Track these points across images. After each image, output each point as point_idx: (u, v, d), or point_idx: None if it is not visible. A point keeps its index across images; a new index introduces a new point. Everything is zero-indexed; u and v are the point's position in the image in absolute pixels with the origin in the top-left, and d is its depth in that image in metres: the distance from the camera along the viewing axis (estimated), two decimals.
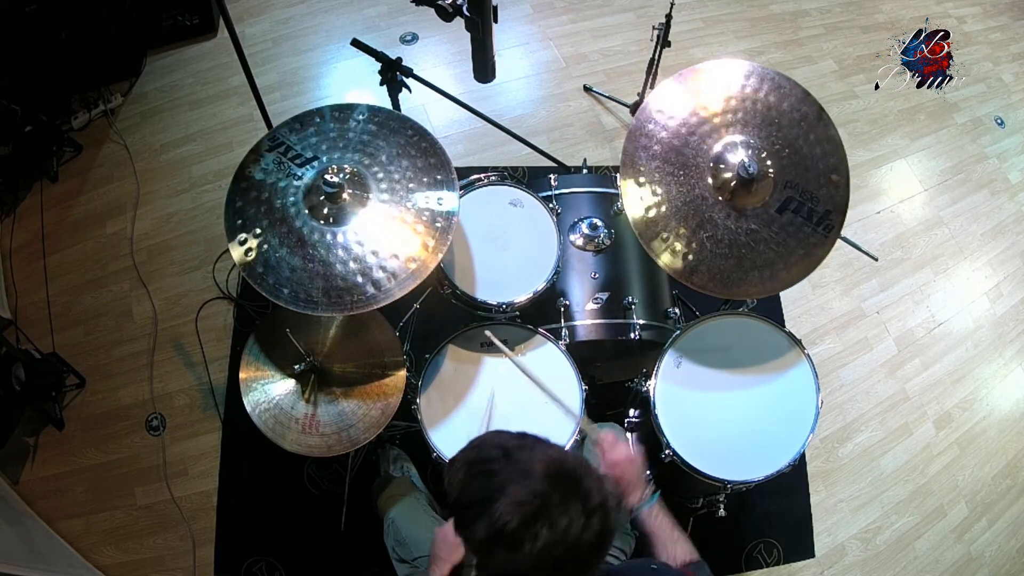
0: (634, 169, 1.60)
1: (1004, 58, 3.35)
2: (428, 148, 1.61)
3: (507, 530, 0.84)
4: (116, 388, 2.32)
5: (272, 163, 1.58)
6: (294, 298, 1.45)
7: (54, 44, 2.50)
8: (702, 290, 1.56)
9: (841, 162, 1.63)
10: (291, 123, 1.64)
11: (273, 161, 1.58)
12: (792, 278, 1.57)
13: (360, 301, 1.45)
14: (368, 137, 1.61)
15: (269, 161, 1.59)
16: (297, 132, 1.62)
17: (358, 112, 1.64)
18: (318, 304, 1.45)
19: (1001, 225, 2.91)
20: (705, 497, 1.95)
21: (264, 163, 1.58)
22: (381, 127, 1.63)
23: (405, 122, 1.65)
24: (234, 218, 1.53)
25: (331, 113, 1.65)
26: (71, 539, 2.09)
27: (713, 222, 1.57)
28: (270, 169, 1.58)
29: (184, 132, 2.77)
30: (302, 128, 1.63)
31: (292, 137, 1.61)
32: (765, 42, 3.19)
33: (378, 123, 1.63)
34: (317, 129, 1.62)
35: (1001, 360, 2.63)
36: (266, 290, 1.46)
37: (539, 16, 3.15)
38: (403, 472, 2.05)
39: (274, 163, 1.58)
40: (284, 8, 3.10)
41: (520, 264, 1.81)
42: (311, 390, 1.62)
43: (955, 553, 2.30)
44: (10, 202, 2.58)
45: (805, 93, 1.67)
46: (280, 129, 1.63)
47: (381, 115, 1.64)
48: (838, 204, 1.60)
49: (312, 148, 1.60)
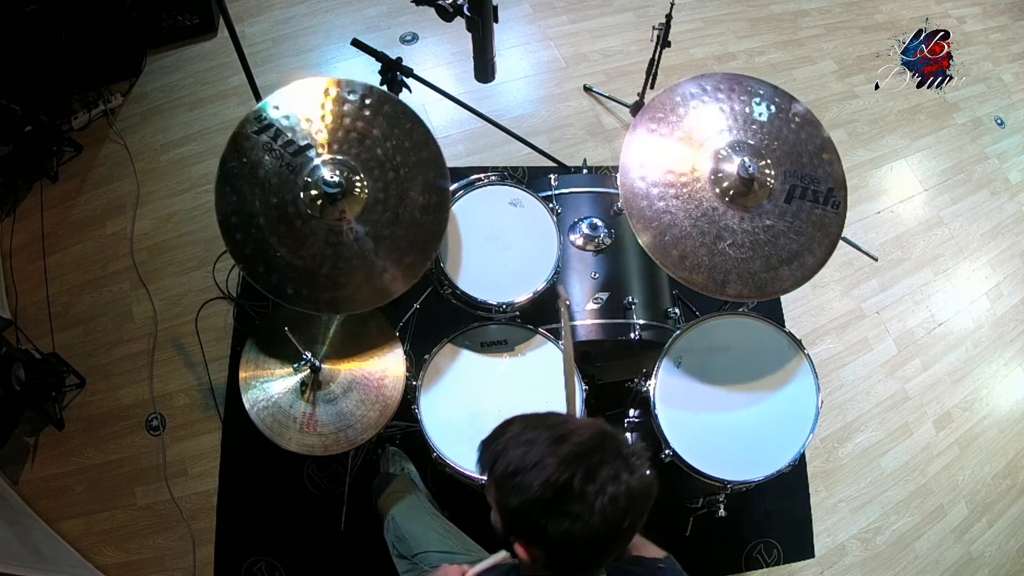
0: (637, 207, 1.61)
1: (1004, 58, 3.35)
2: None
3: (566, 482, 0.83)
4: (116, 388, 2.32)
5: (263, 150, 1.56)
6: (298, 297, 1.45)
7: (54, 44, 2.50)
8: (739, 299, 1.57)
9: (826, 140, 1.69)
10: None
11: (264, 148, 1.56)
12: (819, 262, 1.60)
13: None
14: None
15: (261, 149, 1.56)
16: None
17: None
18: (322, 303, 1.45)
19: (1001, 225, 2.91)
20: (705, 497, 1.94)
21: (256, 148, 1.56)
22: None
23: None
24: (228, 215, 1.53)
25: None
26: (71, 539, 2.09)
27: (730, 229, 1.58)
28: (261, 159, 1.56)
29: (184, 132, 2.77)
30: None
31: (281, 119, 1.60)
32: (765, 42, 3.19)
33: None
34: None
35: (1001, 360, 2.63)
36: (268, 289, 1.46)
37: (539, 16, 3.15)
38: (403, 471, 2.05)
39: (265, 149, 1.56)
40: (284, 8, 3.10)
41: (520, 264, 1.81)
42: (310, 389, 1.63)
43: (955, 553, 2.30)
44: (10, 202, 2.58)
45: (772, 87, 1.71)
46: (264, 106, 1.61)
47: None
48: (837, 179, 1.66)
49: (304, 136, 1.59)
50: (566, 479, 0.84)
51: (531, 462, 0.86)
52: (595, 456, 0.86)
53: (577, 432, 0.88)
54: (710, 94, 1.69)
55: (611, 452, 0.87)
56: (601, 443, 0.87)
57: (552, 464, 0.84)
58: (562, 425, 0.89)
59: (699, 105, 1.68)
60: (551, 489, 0.84)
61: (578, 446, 0.86)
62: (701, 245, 1.57)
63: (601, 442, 0.87)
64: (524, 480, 0.85)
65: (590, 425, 0.90)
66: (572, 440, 0.87)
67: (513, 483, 0.86)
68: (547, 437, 0.87)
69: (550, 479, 0.84)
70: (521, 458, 0.87)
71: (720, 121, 1.67)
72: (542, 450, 0.86)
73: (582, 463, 0.85)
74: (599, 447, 0.87)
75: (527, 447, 0.87)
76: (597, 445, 0.87)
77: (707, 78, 1.71)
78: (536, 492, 0.84)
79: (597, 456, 0.86)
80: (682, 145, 1.65)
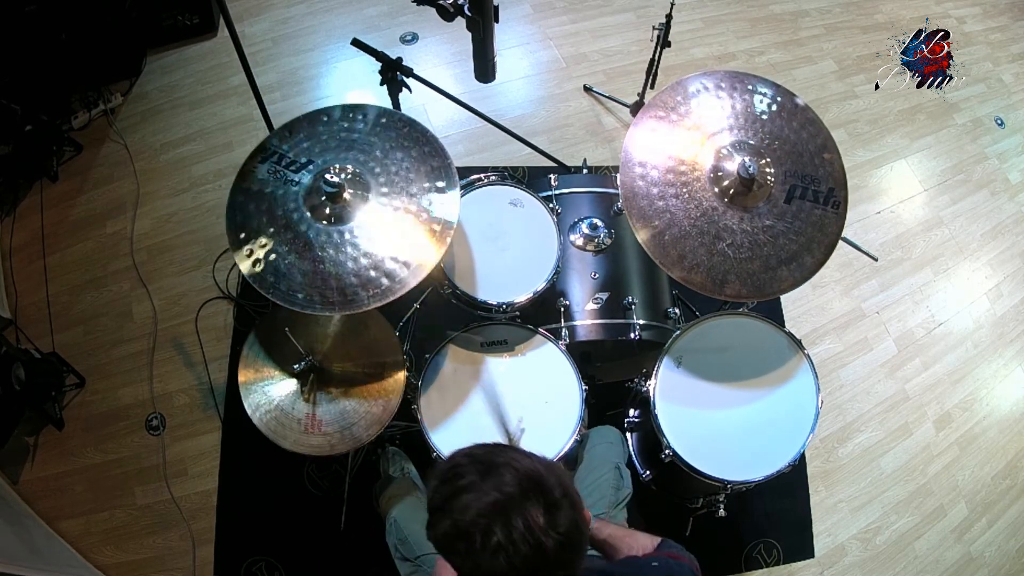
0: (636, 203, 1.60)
1: (1004, 58, 3.35)
2: (419, 137, 1.62)
3: (462, 525, 0.84)
4: (116, 388, 2.32)
5: (267, 173, 1.58)
6: (310, 302, 1.45)
7: (54, 44, 2.50)
8: (738, 299, 1.57)
9: (827, 139, 1.68)
10: (280, 131, 1.64)
11: (268, 171, 1.59)
12: (818, 262, 1.60)
13: (376, 295, 1.46)
14: (358, 135, 1.62)
15: (264, 172, 1.59)
16: (287, 140, 1.62)
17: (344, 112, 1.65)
18: (335, 304, 1.45)
19: (1001, 225, 2.91)
20: (705, 497, 1.95)
21: (259, 174, 1.59)
22: (373, 124, 1.64)
23: (393, 116, 1.65)
24: (237, 231, 1.53)
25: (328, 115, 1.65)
26: (71, 539, 2.09)
27: (730, 229, 1.58)
28: (267, 180, 1.58)
29: (184, 132, 2.77)
30: (291, 136, 1.63)
31: (283, 146, 1.61)
32: (765, 42, 3.19)
33: (366, 121, 1.64)
34: (307, 134, 1.63)
35: (1001, 360, 2.63)
36: (279, 297, 1.46)
37: (539, 16, 3.15)
38: (403, 472, 2.05)
39: (269, 173, 1.58)
40: (284, 8, 3.10)
41: (520, 264, 1.81)
42: (310, 389, 1.62)
43: (955, 553, 2.30)
44: (10, 202, 2.58)
45: (774, 84, 1.71)
46: (271, 140, 1.64)
47: (369, 113, 1.65)
48: (838, 179, 1.65)
49: (305, 153, 1.60)
50: (462, 519, 0.84)
51: (445, 498, 0.87)
52: (511, 494, 0.85)
53: (506, 483, 0.86)
54: (712, 91, 1.69)
55: (534, 502, 0.85)
56: (517, 485, 0.86)
57: (461, 503, 0.85)
58: (493, 473, 0.88)
59: (705, 98, 1.67)
60: (453, 529, 0.85)
61: (488, 489, 0.85)
62: (700, 245, 1.57)
63: (517, 485, 0.86)
64: (435, 519, 0.88)
65: (523, 472, 0.88)
66: (485, 483, 0.86)
67: (432, 518, 0.89)
68: (469, 480, 0.87)
69: (455, 520, 0.85)
70: (444, 495, 0.88)
71: (725, 111, 1.66)
72: (458, 488, 0.87)
73: (498, 516, 0.84)
74: (515, 487, 0.86)
75: (451, 483, 0.88)
76: (523, 492, 0.85)
77: (711, 75, 1.71)
78: (441, 531, 0.87)
79: (512, 494, 0.85)
80: (687, 133, 1.64)
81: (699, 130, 1.65)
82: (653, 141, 1.63)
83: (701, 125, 1.65)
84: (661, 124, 1.65)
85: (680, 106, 1.67)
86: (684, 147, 1.63)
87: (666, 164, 1.61)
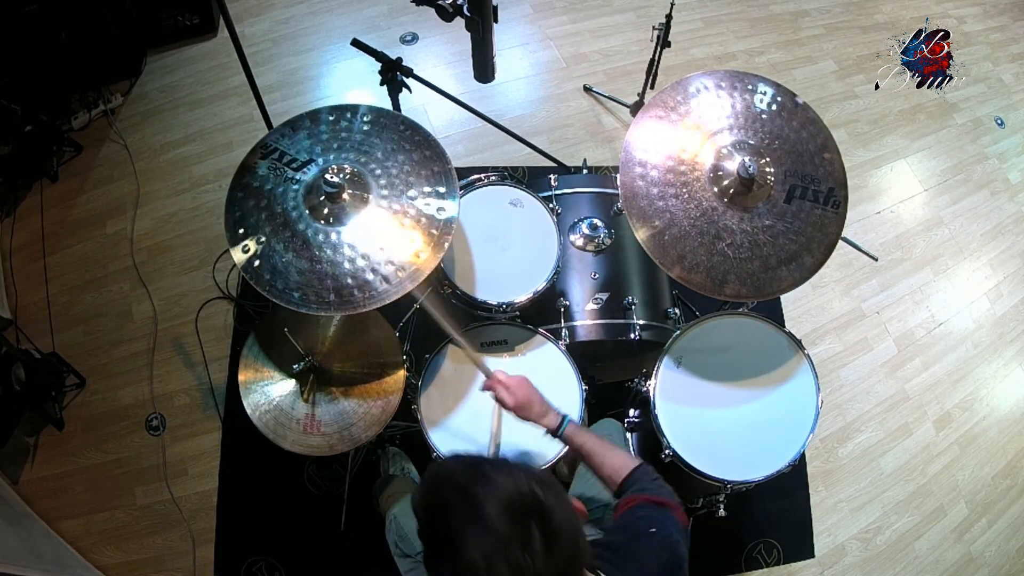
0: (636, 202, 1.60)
1: (1004, 58, 3.35)
2: (421, 141, 1.61)
3: (463, 570, 0.81)
4: (116, 388, 2.32)
5: (267, 169, 1.58)
6: (305, 301, 1.45)
7: (54, 44, 2.50)
8: (738, 299, 1.56)
9: (827, 139, 1.68)
10: (282, 128, 1.64)
11: (268, 168, 1.58)
12: (818, 262, 1.59)
13: (372, 297, 1.45)
14: (360, 136, 1.62)
15: (264, 168, 1.58)
16: (289, 136, 1.62)
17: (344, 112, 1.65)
18: (331, 305, 1.45)
19: (1001, 225, 2.91)
20: (705, 497, 1.95)
21: (260, 170, 1.58)
22: (374, 124, 1.63)
23: (395, 118, 1.65)
24: (235, 227, 1.53)
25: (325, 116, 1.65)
26: (71, 539, 2.09)
27: (729, 229, 1.58)
28: (266, 176, 1.57)
29: (184, 132, 2.77)
30: (294, 132, 1.63)
31: (284, 141, 1.61)
32: (765, 42, 3.19)
33: (369, 121, 1.63)
34: (309, 132, 1.63)
35: (1001, 360, 2.63)
36: (276, 295, 1.46)
37: (539, 16, 3.15)
38: (403, 472, 2.05)
39: (269, 169, 1.58)
40: (284, 8, 3.10)
41: (520, 264, 1.81)
42: (310, 389, 1.62)
43: (955, 553, 2.30)
44: (10, 202, 2.58)
45: (774, 84, 1.70)
46: (272, 136, 1.63)
47: (372, 114, 1.65)
48: (838, 179, 1.64)
49: (306, 151, 1.60)
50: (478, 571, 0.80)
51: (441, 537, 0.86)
52: (508, 534, 0.81)
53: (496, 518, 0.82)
54: (712, 91, 1.69)
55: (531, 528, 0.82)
56: (512, 522, 0.82)
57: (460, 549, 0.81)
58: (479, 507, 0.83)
59: (705, 98, 1.67)
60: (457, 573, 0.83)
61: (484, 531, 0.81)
62: (700, 245, 1.56)
63: (512, 521, 0.82)
64: (432, 564, 0.89)
65: (511, 499, 0.83)
66: (480, 524, 0.82)
67: (429, 559, 0.90)
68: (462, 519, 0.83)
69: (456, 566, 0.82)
70: (435, 533, 0.87)
71: (725, 110, 1.66)
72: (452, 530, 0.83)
73: (497, 555, 0.80)
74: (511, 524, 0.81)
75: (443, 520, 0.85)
76: (507, 525, 0.81)
77: (711, 74, 1.70)
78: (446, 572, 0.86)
79: (509, 535, 0.81)
80: (687, 133, 1.64)
81: (699, 130, 1.65)
82: (653, 141, 1.63)
83: (701, 125, 1.65)
84: (661, 124, 1.65)
85: (680, 106, 1.67)
86: (684, 147, 1.63)
87: (666, 164, 1.61)
